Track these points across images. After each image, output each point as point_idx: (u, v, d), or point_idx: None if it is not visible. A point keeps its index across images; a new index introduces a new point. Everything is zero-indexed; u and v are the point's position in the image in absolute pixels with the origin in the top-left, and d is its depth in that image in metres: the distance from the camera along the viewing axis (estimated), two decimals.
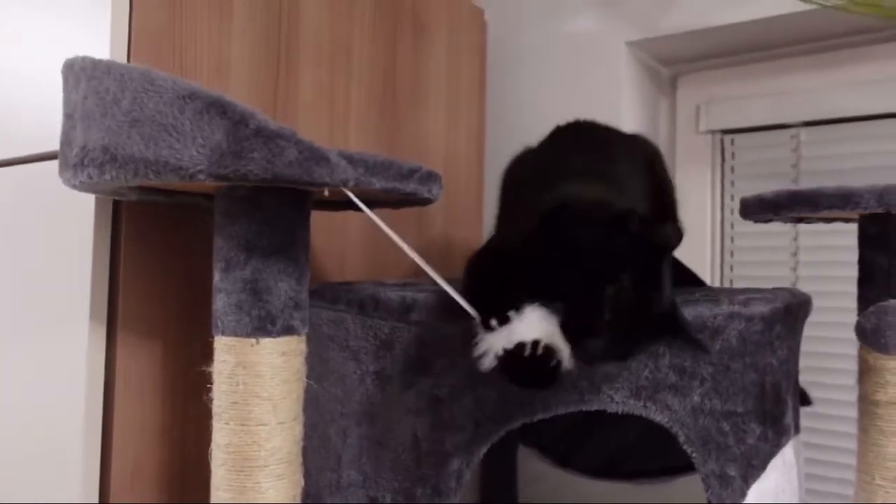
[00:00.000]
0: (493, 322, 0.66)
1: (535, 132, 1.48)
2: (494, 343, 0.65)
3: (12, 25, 0.95)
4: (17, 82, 0.94)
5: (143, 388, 0.86)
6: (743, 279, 1.42)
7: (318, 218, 0.79)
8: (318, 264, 1.04)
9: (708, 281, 1.43)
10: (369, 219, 0.67)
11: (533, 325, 0.66)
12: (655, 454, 1.10)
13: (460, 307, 0.75)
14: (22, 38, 0.94)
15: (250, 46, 0.96)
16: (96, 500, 0.84)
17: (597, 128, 1.03)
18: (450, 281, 0.72)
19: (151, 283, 0.87)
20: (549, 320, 0.66)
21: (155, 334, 0.87)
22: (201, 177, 0.59)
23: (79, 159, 0.64)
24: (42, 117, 0.90)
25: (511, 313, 0.65)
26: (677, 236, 0.67)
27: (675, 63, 1.49)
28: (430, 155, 1.25)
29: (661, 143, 1.51)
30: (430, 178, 0.76)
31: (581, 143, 1.01)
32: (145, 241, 0.86)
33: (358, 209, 0.68)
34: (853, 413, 0.87)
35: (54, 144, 0.86)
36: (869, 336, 0.80)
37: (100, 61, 0.64)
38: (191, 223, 0.90)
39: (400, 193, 0.73)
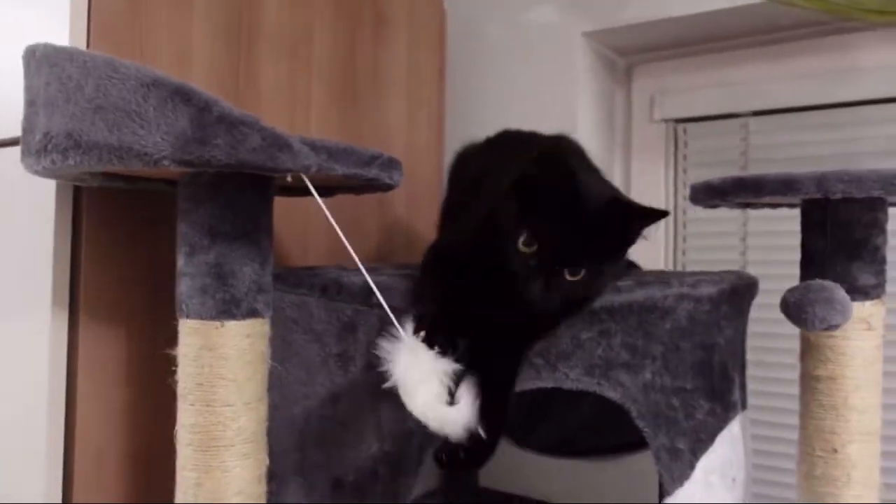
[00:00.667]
0: (420, 335, 0.70)
1: (494, 121, 1.50)
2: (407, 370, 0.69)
3: None
4: None
5: (106, 372, 0.87)
6: (695, 263, 1.47)
7: (281, 204, 0.81)
8: (281, 249, 1.05)
9: (661, 265, 1.47)
10: (332, 203, 0.69)
11: (464, 412, 0.70)
12: (609, 432, 1.14)
13: (418, 292, 0.78)
14: None
15: (211, 37, 0.97)
16: (59, 485, 0.85)
17: (524, 132, 1.08)
18: (409, 266, 0.75)
19: (114, 267, 0.88)
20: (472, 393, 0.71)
21: (118, 318, 0.88)
22: (166, 163, 0.61)
23: (42, 145, 0.65)
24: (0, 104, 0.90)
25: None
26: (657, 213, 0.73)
27: (630, 54, 1.52)
28: (392, 145, 1.27)
29: (617, 132, 1.55)
30: (391, 164, 0.78)
31: (513, 143, 1.05)
32: (107, 227, 0.87)
33: (324, 194, 0.70)
34: (796, 390, 0.92)
35: (14, 131, 0.86)
36: (792, 310, 0.84)
37: (62, 48, 0.65)
38: (152, 209, 0.91)
39: (362, 179, 0.75)
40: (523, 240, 0.69)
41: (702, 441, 0.88)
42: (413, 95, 1.35)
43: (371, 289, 0.80)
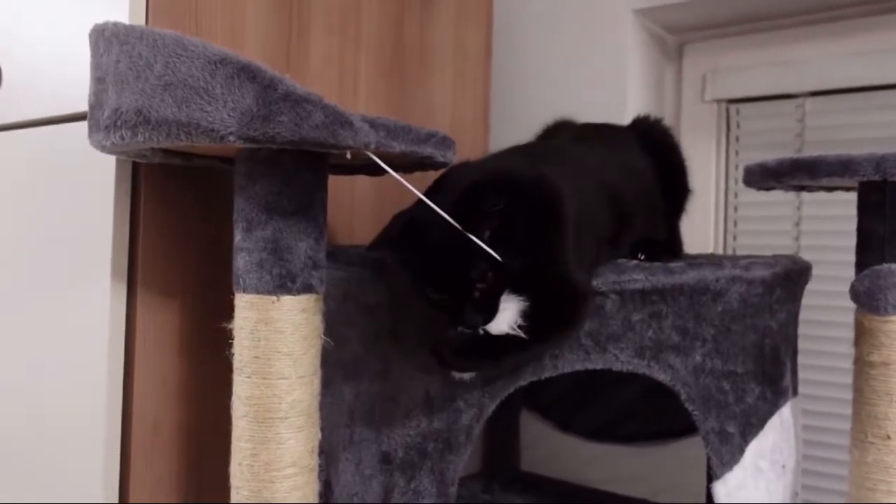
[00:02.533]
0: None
1: (540, 101, 1.52)
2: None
3: None
4: (36, 48, 0.99)
5: (163, 344, 0.92)
6: (746, 248, 1.48)
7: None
8: (328, 228, 1.09)
9: (710, 249, 1.48)
10: (378, 183, 0.72)
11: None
12: (654, 417, 1.17)
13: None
14: (41, 6, 0.99)
15: (264, 12, 1.01)
16: (117, 454, 0.90)
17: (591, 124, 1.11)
18: None
19: (170, 242, 0.92)
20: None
21: (174, 292, 0.93)
22: (231, 139, 0.64)
23: (111, 121, 0.69)
24: (61, 82, 0.95)
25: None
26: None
27: (681, 31, 1.53)
28: (437, 123, 1.30)
29: (667, 113, 1.56)
30: (445, 142, 0.81)
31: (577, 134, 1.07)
32: (164, 202, 0.92)
33: (374, 173, 0.73)
34: (849, 379, 0.93)
35: (74, 107, 0.91)
36: (862, 298, 0.85)
37: (132, 27, 0.69)
38: (208, 185, 0.95)
39: (417, 157, 0.78)
40: (432, 291, 0.74)
41: (752, 425, 0.90)
42: (459, 72, 1.38)
43: None
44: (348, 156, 0.69)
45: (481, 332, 0.75)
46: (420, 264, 0.74)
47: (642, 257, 0.93)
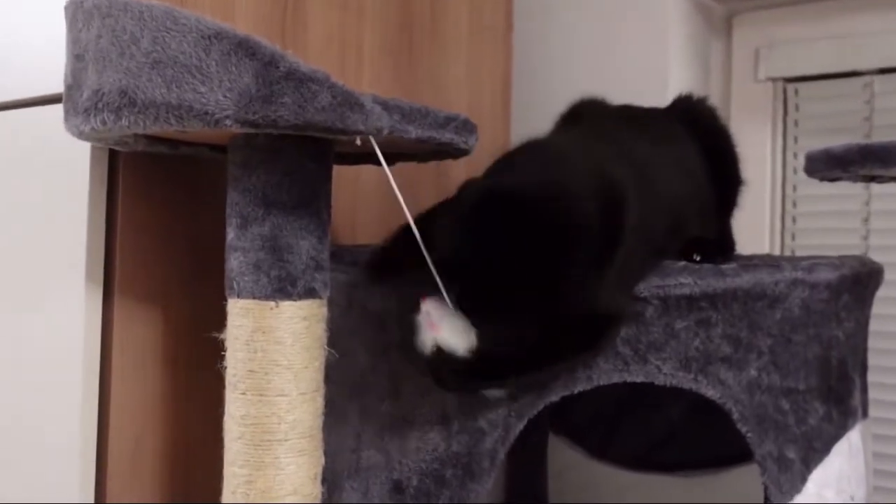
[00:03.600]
0: None
1: (568, 82, 1.54)
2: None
3: None
4: (2, 20, 1.02)
5: (144, 356, 0.94)
6: (806, 248, 1.49)
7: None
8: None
9: (765, 249, 1.49)
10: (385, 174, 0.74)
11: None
12: (702, 441, 1.18)
13: None
14: None
15: None
16: (92, 482, 0.92)
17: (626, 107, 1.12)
18: None
19: (153, 240, 0.94)
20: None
21: (157, 298, 0.95)
22: (228, 122, 0.66)
23: (91, 104, 0.71)
24: (32, 59, 0.97)
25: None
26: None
27: (730, 0, 1.54)
28: (451, 107, 1.31)
29: (714, 94, 1.57)
30: (467, 127, 0.83)
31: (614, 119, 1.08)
32: (145, 196, 0.94)
33: (377, 162, 0.75)
34: None
35: (47, 88, 0.93)
36: None
37: None
38: (196, 176, 0.98)
39: (435, 143, 0.80)
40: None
41: (815, 450, 0.90)
42: (476, 50, 1.39)
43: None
44: (358, 142, 0.71)
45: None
46: (457, 253, 0.75)
47: (698, 259, 0.94)
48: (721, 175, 1.07)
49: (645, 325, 0.87)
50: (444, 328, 0.77)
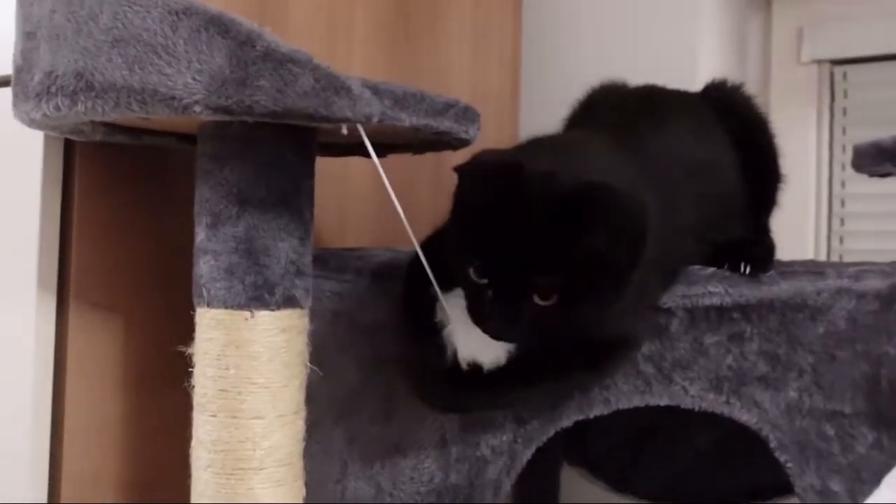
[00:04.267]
0: None
1: (585, 66, 1.53)
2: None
3: None
4: None
5: (102, 374, 0.94)
6: (855, 254, 1.48)
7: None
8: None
9: (809, 254, 1.49)
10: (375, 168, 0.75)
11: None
12: (736, 472, 1.17)
13: None
14: None
15: None
16: None
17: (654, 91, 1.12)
18: None
19: (112, 243, 0.95)
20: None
21: (117, 307, 0.95)
22: (197, 108, 0.66)
23: (43, 87, 0.72)
24: None
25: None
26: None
27: None
28: (454, 94, 1.31)
29: (751, 78, 1.57)
30: (468, 115, 0.83)
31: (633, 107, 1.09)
32: (104, 192, 0.94)
33: (366, 154, 0.75)
34: None
35: None
36: None
37: None
38: (161, 170, 0.98)
39: (431, 132, 0.81)
40: (473, 271, 0.75)
41: (863, 482, 0.90)
42: (480, 32, 1.40)
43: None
44: (344, 131, 0.71)
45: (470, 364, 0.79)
46: (486, 224, 0.75)
47: (729, 267, 0.93)
48: (758, 170, 1.07)
49: (670, 341, 0.87)
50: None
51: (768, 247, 1.05)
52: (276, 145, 0.77)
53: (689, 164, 0.96)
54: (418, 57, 1.30)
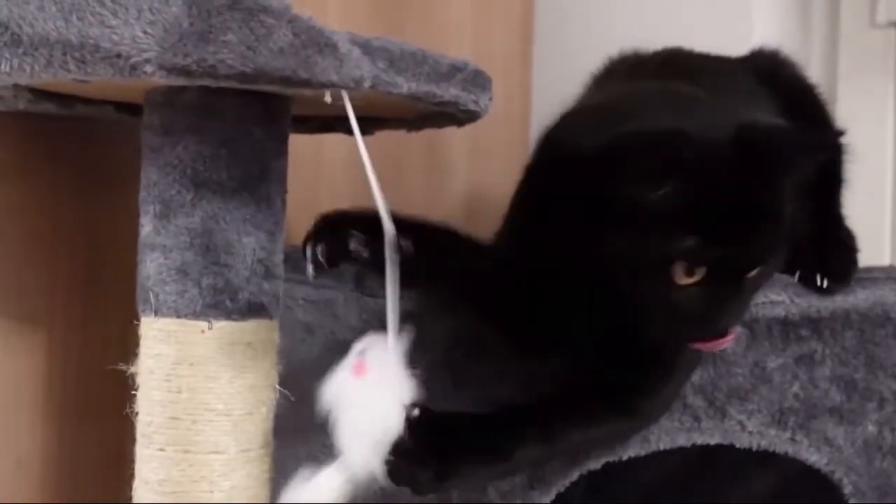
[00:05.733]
0: None
1: (615, 26, 1.54)
2: None
3: None
4: None
5: (17, 400, 0.93)
6: None
7: None
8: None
9: (887, 258, 1.50)
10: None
11: None
12: None
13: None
14: None
15: None
16: None
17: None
18: None
19: (31, 236, 0.94)
20: None
21: (36, 317, 0.95)
22: (148, 68, 0.66)
23: None
24: None
25: None
26: None
27: None
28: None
29: (816, 43, 1.59)
30: (478, 80, 0.83)
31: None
32: (23, 173, 0.94)
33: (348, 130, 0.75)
34: None
35: None
36: None
37: None
38: (95, 146, 0.98)
39: (433, 102, 0.80)
40: (684, 269, 0.73)
41: None
42: None
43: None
44: (328, 99, 0.71)
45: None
46: (684, 207, 0.73)
47: (824, 282, 0.91)
48: None
49: (725, 365, 0.87)
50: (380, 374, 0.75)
51: (848, 246, 1.04)
52: (240, 117, 0.77)
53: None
54: (409, 18, 1.30)
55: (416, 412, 0.75)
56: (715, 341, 0.76)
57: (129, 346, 0.80)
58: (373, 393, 0.74)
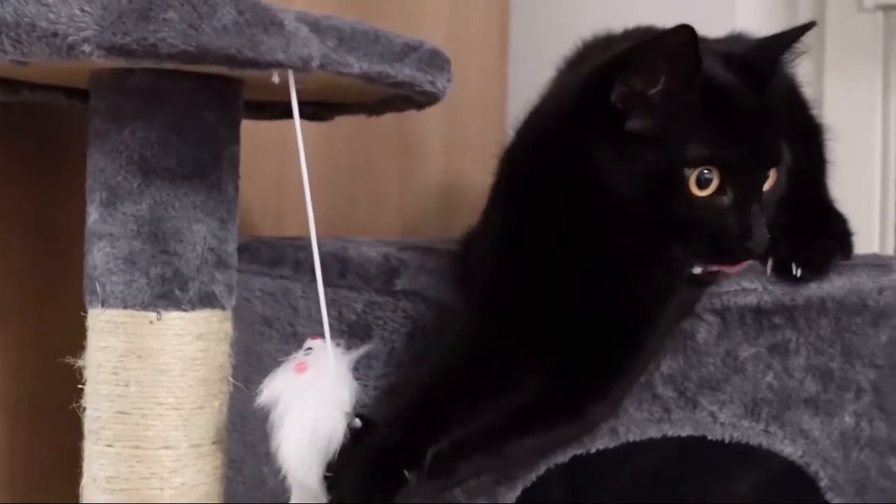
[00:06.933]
0: None
1: (587, 11, 1.53)
2: None
3: None
4: None
5: None
6: None
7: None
8: (243, 207, 1.11)
9: (875, 245, 1.50)
10: (326, 131, 0.72)
11: None
12: None
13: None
14: None
15: None
16: None
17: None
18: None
19: None
20: None
21: None
22: (86, 48, 0.65)
23: None
24: None
25: None
26: None
27: None
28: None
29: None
30: (435, 60, 0.82)
31: None
32: None
33: (315, 115, 0.74)
34: None
35: None
36: None
37: None
38: (41, 134, 0.97)
39: (386, 84, 0.79)
40: (698, 180, 0.72)
41: None
42: None
43: (395, 269, 0.85)
44: (275, 79, 0.71)
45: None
46: (703, 119, 0.73)
47: (798, 270, 0.90)
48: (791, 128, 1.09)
49: (696, 355, 0.86)
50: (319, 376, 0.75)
51: (834, 233, 1.02)
52: (190, 101, 0.77)
53: None
54: (378, 3, 1.29)
55: (357, 423, 0.75)
56: (738, 264, 0.75)
57: (77, 339, 0.80)
58: (310, 394, 0.74)
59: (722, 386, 0.87)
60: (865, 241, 1.46)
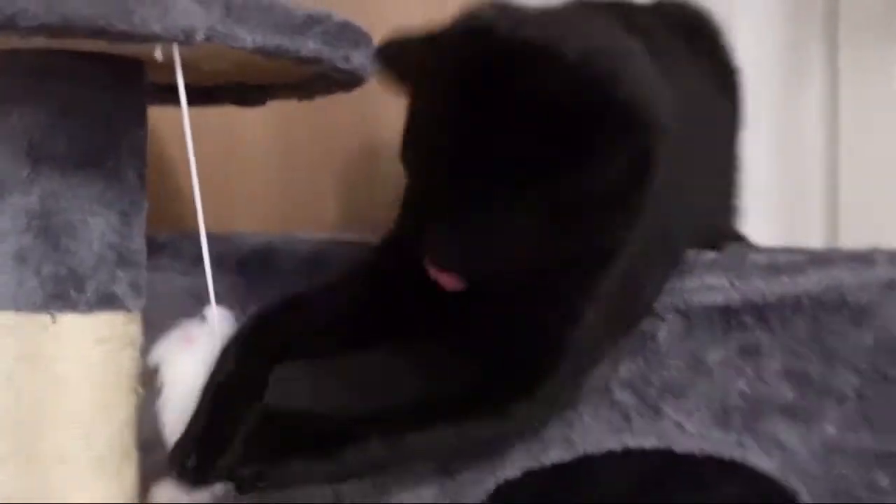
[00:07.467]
0: None
1: None
2: None
3: None
4: None
5: None
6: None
7: (160, 117, 0.83)
8: (157, 200, 1.09)
9: (814, 238, 1.50)
10: (279, 116, 0.69)
11: None
12: None
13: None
14: None
15: None
16: None
17: None
18: None
19: None
20: None
21: None
22: None
23: None
24: None
25: None
26: None
27: None
28: (381, 16, 1.26)
29: (813, 8, 1.55)
30: (346, 34, 0.78)
31: None
32: None
33: (260, 98, 0.71)
34: None
35: None
36: None
37: None
38: None
39: (290, 58, 0.76)
40: None
41: None
42: None
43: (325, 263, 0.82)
44: (158, 55, 0.68)
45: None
46: None
47: None
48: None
49: (657, 356, 0.84)
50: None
51: None
52: (81, 82, 0.74)
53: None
54: None
55: None
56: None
57: None
58: (193, 367, 0.74)
59: (687, 392, 0.84)
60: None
